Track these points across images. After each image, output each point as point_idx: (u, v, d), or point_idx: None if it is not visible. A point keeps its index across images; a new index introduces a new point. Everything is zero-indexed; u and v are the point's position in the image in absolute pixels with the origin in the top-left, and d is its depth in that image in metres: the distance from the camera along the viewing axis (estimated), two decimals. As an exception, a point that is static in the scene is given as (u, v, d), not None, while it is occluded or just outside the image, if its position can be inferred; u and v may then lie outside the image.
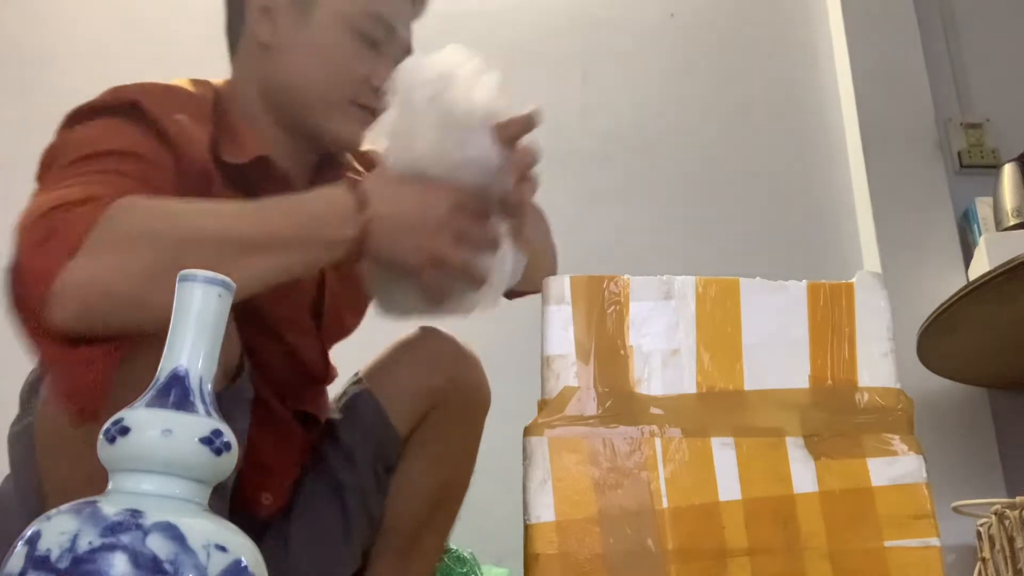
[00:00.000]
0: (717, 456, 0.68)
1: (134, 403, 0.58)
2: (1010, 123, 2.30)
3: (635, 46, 2.37)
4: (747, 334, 0.72)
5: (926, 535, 0.67)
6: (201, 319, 0.60)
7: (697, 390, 0.70)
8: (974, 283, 1.66)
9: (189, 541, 0.53)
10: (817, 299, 0.73)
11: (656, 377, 0.70)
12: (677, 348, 0.71)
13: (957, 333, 1.77)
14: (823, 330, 0.72)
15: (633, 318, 0.72)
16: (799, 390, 0.71)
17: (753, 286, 0.73)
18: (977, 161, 2.26)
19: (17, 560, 0.53)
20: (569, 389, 0.69)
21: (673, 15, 2.42)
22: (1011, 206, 1.98)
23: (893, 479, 0.69)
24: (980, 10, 2.45)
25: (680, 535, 0.66)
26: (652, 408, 0.69)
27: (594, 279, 0.73)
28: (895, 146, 2.24)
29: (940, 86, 2.33)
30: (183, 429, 0.57)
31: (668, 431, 0.69)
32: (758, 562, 0.66)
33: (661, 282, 0.73)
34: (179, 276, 0.60)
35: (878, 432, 0.70)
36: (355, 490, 1.12)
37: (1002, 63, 2.39)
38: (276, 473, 1.08)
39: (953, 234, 2.16)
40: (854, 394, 0.71)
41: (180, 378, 0.59)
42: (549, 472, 0.67)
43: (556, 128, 1.38)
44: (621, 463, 0.68)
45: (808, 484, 0.68)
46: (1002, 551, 1.38)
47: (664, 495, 0.67)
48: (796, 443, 0.70)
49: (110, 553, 0.51)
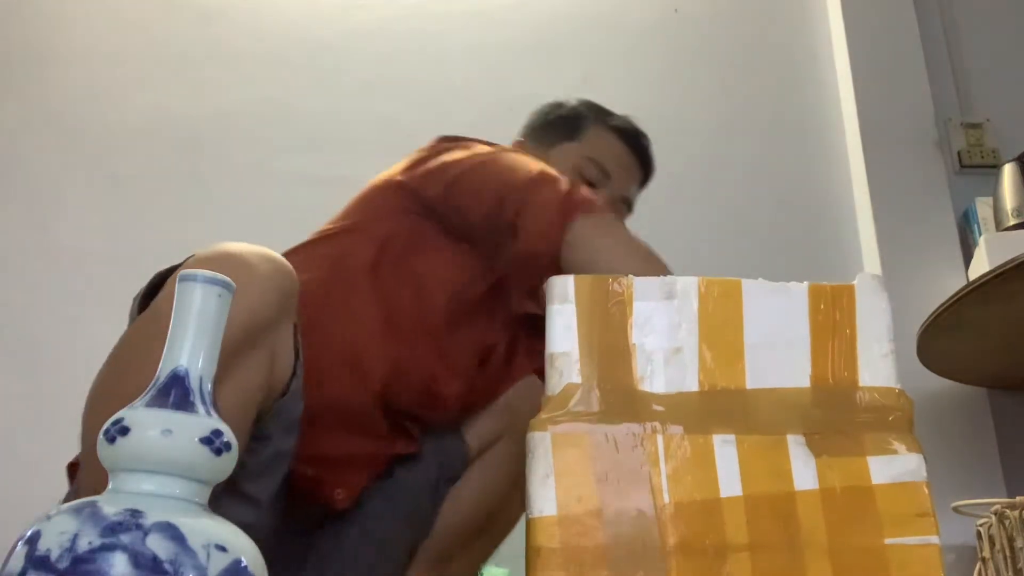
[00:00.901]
0: (718, 453, 0.69)
1: (134, 403, 0.58)
2: (1010, 123, 2.30)
3: (635, 46, 2.38)
4: (749, 334, 0.72)
5: (926, 533, 0.68)
6: (201, 319, 0.60)
7: (699, 388, 0.71)
8: (974, 283, 1.66)
9: (189, 541, 0.53)
10: (818, 300, 0.74)
11: (658, 375, 0.71)
12: (679, 347, 0.72)
13: (957, 333, 1.77)
14: (824, 330, 0.73)
15: (636, 317, 0.72)
16: (800, 389, 0.71)
17: (755, 287, 0.74)
18: (977, 161, 2.26)
19: (17, 560, 0.52)
20: (572, 386, 0.70)
21: (677, 10, 2.43)
22: (1011, 206, 1.98)
23: (893, 477, 0.69)
24: (980, 10, 2.45)
25: (681, 530, 0.66)
26: (654, 405, 0.70)
27: (597, 279, 0.73)
28: (895, 146, 2.25)
29: (940, 86, 2.33)
30: (183, 429, 0.57)
31: (670, 428, 0.69)
32: (758, 558, 0.66)
33: (663, 282, 0.73)
34: (179, 276, 0.60)
35: (878, 431, 0.70)
36: (415, 496, 1.13)
37: (1002, 63, 2.39)
38: (356, 471, 1.10)
39: (953, 234, 2.16)
40: (855, 393, 0.71)
41: (180, 378, 0.59)
42: (551, 467, 0.67)
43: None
44: (623, 459, 0.68)
45: (809, 481, 0.69)
46: (1002, 551, 1.38)
47: (665, 491, 0.67)
48: (797, 441, 0.70)
49: (110, 553, 0.51)
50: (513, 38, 2.34)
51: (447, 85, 2.27)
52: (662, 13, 2.44)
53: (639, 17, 2.43)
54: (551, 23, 2.38)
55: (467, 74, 2.29)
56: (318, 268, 1.13)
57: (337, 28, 2.32)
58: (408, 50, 2.32)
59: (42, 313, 1.96)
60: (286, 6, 2.32)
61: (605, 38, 2.38)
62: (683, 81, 2.35)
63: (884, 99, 2.29)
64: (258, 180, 2.14)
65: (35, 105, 2.15)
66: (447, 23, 2.36)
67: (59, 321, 1.96)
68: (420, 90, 2.26)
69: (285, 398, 0.93)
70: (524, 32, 2.35)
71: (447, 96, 2.25)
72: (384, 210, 1.21)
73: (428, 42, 2.33)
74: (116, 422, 0.57)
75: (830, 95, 2.38)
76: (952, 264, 2.11)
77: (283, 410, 0.94)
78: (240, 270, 0.83)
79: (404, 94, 2.25)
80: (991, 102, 2.35)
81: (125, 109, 2.15)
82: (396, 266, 1.15)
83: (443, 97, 2.25)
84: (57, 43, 2.21)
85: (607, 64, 2.33)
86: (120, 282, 1.99)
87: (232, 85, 2.22)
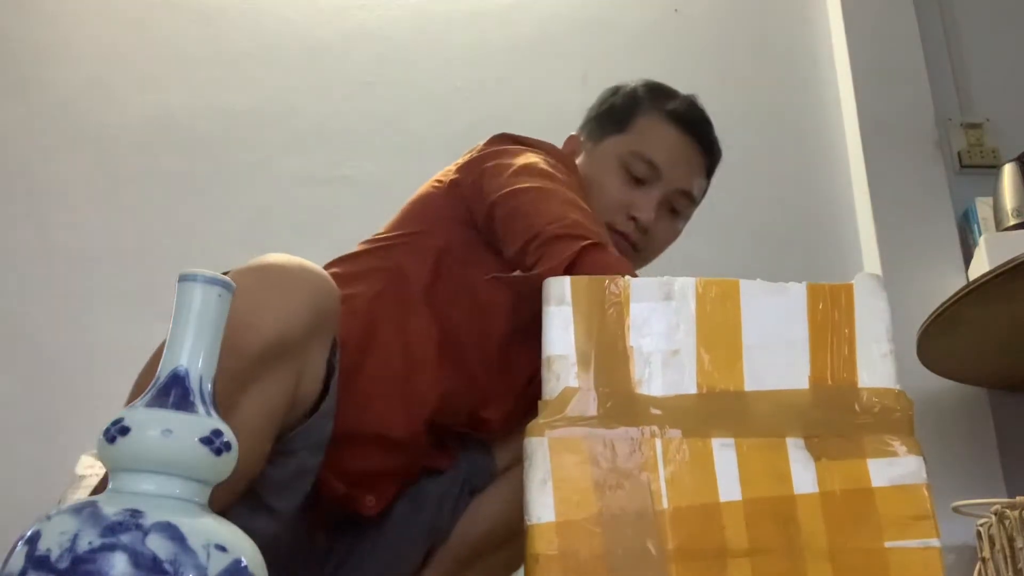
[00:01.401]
0: (717, 457, 0.68)
1: (134, 403, 0.58)
2: (1010, 123, 2.30)
3: (635, 46, 2.37)
4: (747, 335, 0.72)
5: (926, 536, 0.67)
6: (201, 319, 0.60)
7: (697, 391, 0.70)
8: (974, 283, 1.65)
9: (189, 541, 0.53)
10: (817, 300, 0.73)
11: (656, 378, 0.70)
12: (677, 349, 0.71)
13: (957, 333, 1.77)
14: (823, 331, 0.72)
15: (633, 319, 0.72)
16: (799, 391, 0.71)
17: (753, 287, 0.73)
18: (977, 161, 2.26)
19: (17, 560, 0.53)
20: (569, 390, 0.69)
21: (677, 10, 2.42)
22: (1011, 206, 1.98)
23: (893, 480, 0.69)
24: (980, 10, 2.45)
25: (680, 535, 0.66)
26: (652, 409, 0.69)
27: (594, 280, 0.73)
28: (895, 146, 2.24)
29: (940, 86, 2.33)
30: (183, 429, 0.57)
31: (668, 432, 0.69)
32: (758, 562, 0.66)
33: (661, 283, 0.73)
34: (179, 276, 0.61)
35: (878, 433, 0.70)
36: (437, 504, 1.13)
37: (1002, 63, 2.39)
38: (389, 483, 1.10)
39: (953, 234, 2.16)
40: (854, 395, 0.71)
41: (180, 378, 0.59)
42: (549, 472, 0.67)
43: (556, 128, 1.38)
44: (621, 464, 0.67)
45: (808, 485, 0.68)
46: (1002, 551, 1.38)
47: (664, 495, 0.67)
48: (796, 444, 0.69)
49: (110, 553, 0.51)
50: (513, 38, 2.34)
51: (447, 85, 2.27)
52: (662, 13, 2.43)
53: (639, 17, 2.42)
54: (551, 23, 2.37)
55: (467, 74, 2.29)
56: (370, 282, 1.11)
57: (337, 28, 2.32)
58: (408, 50, 2.31)
59: (42, 313, 1.96)
60: (286, 6, 2.32)
61: (605, 38, 2.38)
62: (683, 81, 2.33)
63: (884, 99, 2.29)
64: (258, 180, 2.13)
65: (35, 105, 2.15)
66: (447, 23, 2.36)
67: (59, 321, 1.95)
68: (420, 90, 2.26)
69: (315, 416, 0.93)
70: (524, 32, 2.35)
71: (447, 96, 2.25)
72: (437, 220, 1.16)
73: (428, 42, 2.33)
74: (116, 422, 0.57)
75: (830, 95, 2.37)
76: (952, 264, 2.11)
77: (312, 429, 0.94)
78: (276, 283, 0.85)
79: (404, 94, 2.25)
80: (991, 102, 2.34)
81: (125, 109, 2.15)
82: (453, 285, 1.12)
83: (443, 97, 2.25)
84: (57, 42, 2.21)
85: (607, 64, 2.33)
86: (120, 282, 2.00)
87: (232, 85, 2.22)
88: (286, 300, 0.85)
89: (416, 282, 1.12)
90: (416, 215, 1.20)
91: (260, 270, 0.86)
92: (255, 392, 0.83)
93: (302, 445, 0.93)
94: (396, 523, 1.11)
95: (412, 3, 2.37)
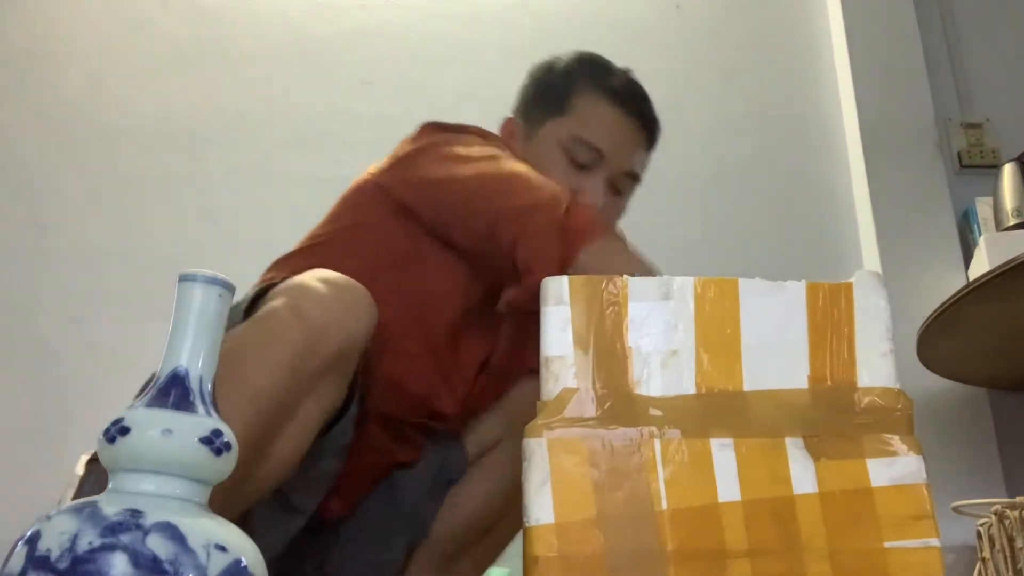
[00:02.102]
0: (716, 457, 0.68)
1: (134, 403, 0.58)
2: (1010, 123, 2.30)
3: (636, 44, 2.37)
4: (746, 335, 0.72)
5: (926, 536, 0.67)
6: (201, 319, 0.60)
7: (696, 391, 0.70)
8: (974, 283, 1.66)
9: (189, 541, 0.53)
10: (816, 299, 0.73)
11: (655, 378, 0.70)
12: (676, 349, 0.71)
13: (957, 333, 1.77)
14: (822, 330, 0.72)
15: (632, 319, 0.71)
16: (798, 391, 0.71)
17: (752, 286, 0.73)
18: (977, 161, 2.26)
19: (17, 560, 0.53)
20: (568, 391, 0.69)
21: (679, 6, 2.42)
22: (1011, 206, 1.98)
23: (893, 480, 0.69)
24: (980, 10, 2.45)
25: (680, 536, 0.66)
26: (651, 409, 0.69)
27: (592, 279, 0.72)
28: (895, 146, 2.25)
29: (940, 86, 2.33)
30: (183, 429, 0.57)
31: (667, 432, 0.69)
32: (758, 563, 0.66)
33: (660, 282, 0.73)
34: (179, 276, 0.61)
35: (878, 432, 0.70)
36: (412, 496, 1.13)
37: (1002, 63, 2.39)
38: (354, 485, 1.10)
39: (953, 234, 2.16)
40: (853, 394, 0.71)
41: (180, 378, 0.59)
42: (548, 474, 0.67)
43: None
44: (620, 464, 0.67)
45: (808, 485, 0.68)
46: (1002, 551, 1.38)
47: (663, 496, 0.67)
48: (796, 444, 0.69)
49: (110, 553, 0.51)
50: (513, 37, 2.34)
51: (447, 84, 2.27)
52: (663, 12, 2.44)
53: (640, 15, 2.42)
54: (551, 22, 2.37)
55: (467, 73, 2.29)
56: None
57: (337, 28, 2.32)
58: (408, 50, 2.32)
59: (41, 313, 1.97)
60: (286, 6, 2.32)
61: (605, 36, 2.38)
62: (683, 80, 2.35)
63: (884, 99, 2.29)
64: (258, 180, 2.14)
65: (35, 105, 2.15)
66: (447, 22, 2.37)
67: (59, 321, 1.96)
68: (420, 90, 2.26)
69: (343, 421, 0.96)
70: (524, 31, 2.35)
71: (447, 95, 2.25)
72: (372, 213, 1.16)
73: (428, 42, 2.34)
74: (116, 422, 0.57)
75: (830, 95, 2.37)
76: (952, 264, 2.11)
77: (340, 432, 0.97)
78: (341, 296, 0.90)
79: (404, 94, 2.25)
80: (991, 102, 2.35)
81: (125, 109, 2.15)
82: (393, 277, 1.11)
83: (443, 96, 2.25)
84: (57, 43, 2.21)
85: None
86: (120, 282, 2.00)
87: (232, 85, 2.22)
88: (354, 312, 0.91)
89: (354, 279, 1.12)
90: (350, 208, 1.20)
91: (327, 282, 0.91)
92: (318, 394, 0.88)
93: (329, 447, 0.97)
94: (371, 519, 1.12)
95: (412, 3, 2.37)
